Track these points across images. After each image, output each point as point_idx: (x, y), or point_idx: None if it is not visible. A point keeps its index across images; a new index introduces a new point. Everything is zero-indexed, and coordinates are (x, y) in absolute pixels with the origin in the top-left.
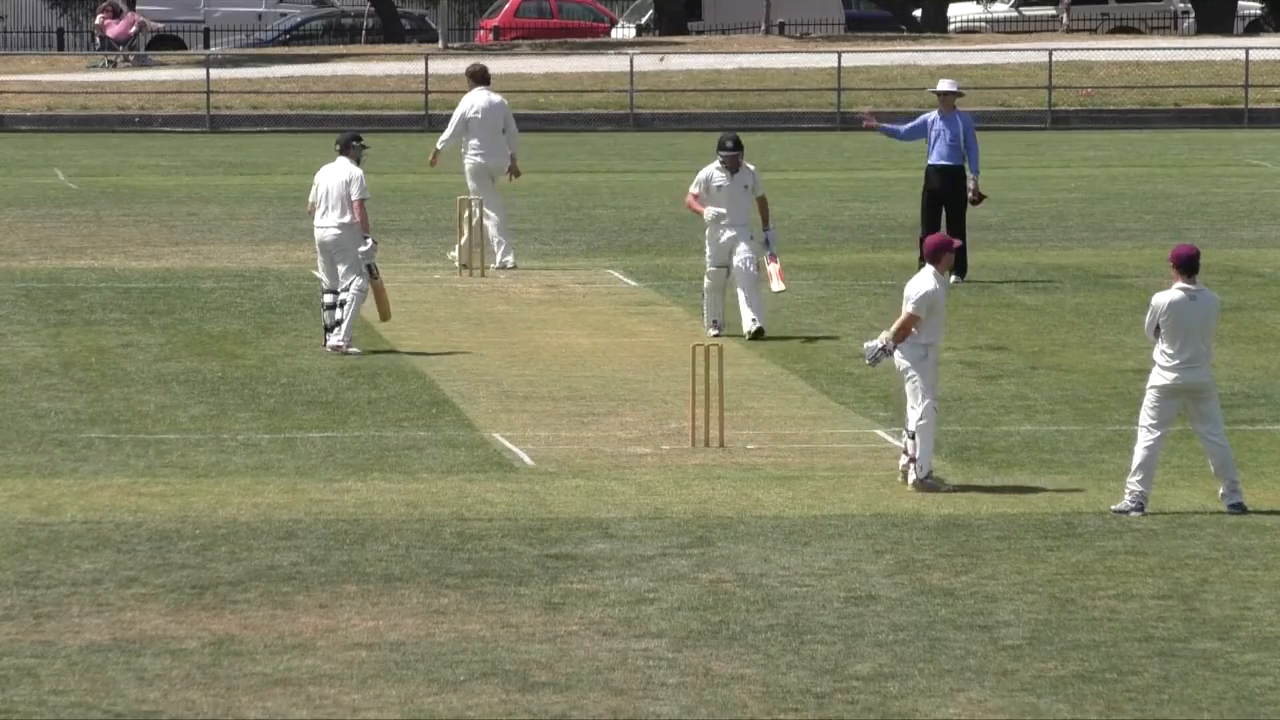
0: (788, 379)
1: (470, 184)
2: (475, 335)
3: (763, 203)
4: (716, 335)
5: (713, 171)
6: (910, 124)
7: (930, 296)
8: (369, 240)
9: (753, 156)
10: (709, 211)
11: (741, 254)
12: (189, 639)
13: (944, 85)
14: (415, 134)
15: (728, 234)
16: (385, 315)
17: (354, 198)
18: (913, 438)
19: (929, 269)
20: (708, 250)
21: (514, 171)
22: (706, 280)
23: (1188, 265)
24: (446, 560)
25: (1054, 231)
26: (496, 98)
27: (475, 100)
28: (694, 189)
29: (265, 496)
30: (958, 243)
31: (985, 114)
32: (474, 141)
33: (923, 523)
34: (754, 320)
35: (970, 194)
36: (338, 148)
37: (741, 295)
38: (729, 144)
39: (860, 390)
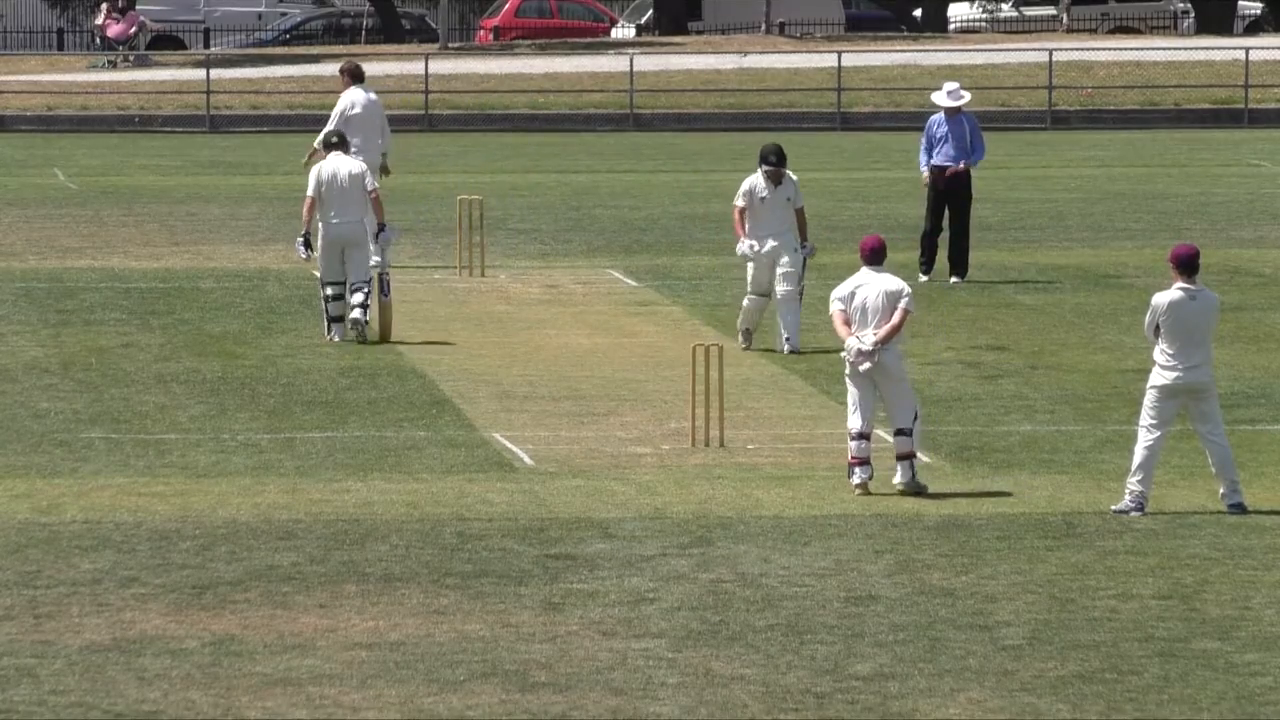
0: (788, 379)
1: None
2: (475, 335)
3: (800, 215)
4: (746, 348)
5: (757, 181)
6: (923, 148)
7: None
8: (388, 228)
9: (753, 156)
10: (741, 245)
11: (783, 267)
12: (189, 639)
13: (946, 101)
14: (415, 134)
15: (770, 244)
16: (386, 335)
17: (370, 189)
18: (907, 435)
19: (878, 270)
20: (749, 271)
21: (385, 170)
22: (747, 301)
23: (1188, 265)
24: (446, 560)
25: (1054, 231)
26: (374, 96)
27: (355, 98)
28: (739, 201)
29: (265, 496)
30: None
31: (985, 114)
32: (355, 140)
33: (923, 523)
34: (788, 340)
35: (960, 170)
36: (335, 141)
37: (780, 311)
38: (772, 158)
39: None
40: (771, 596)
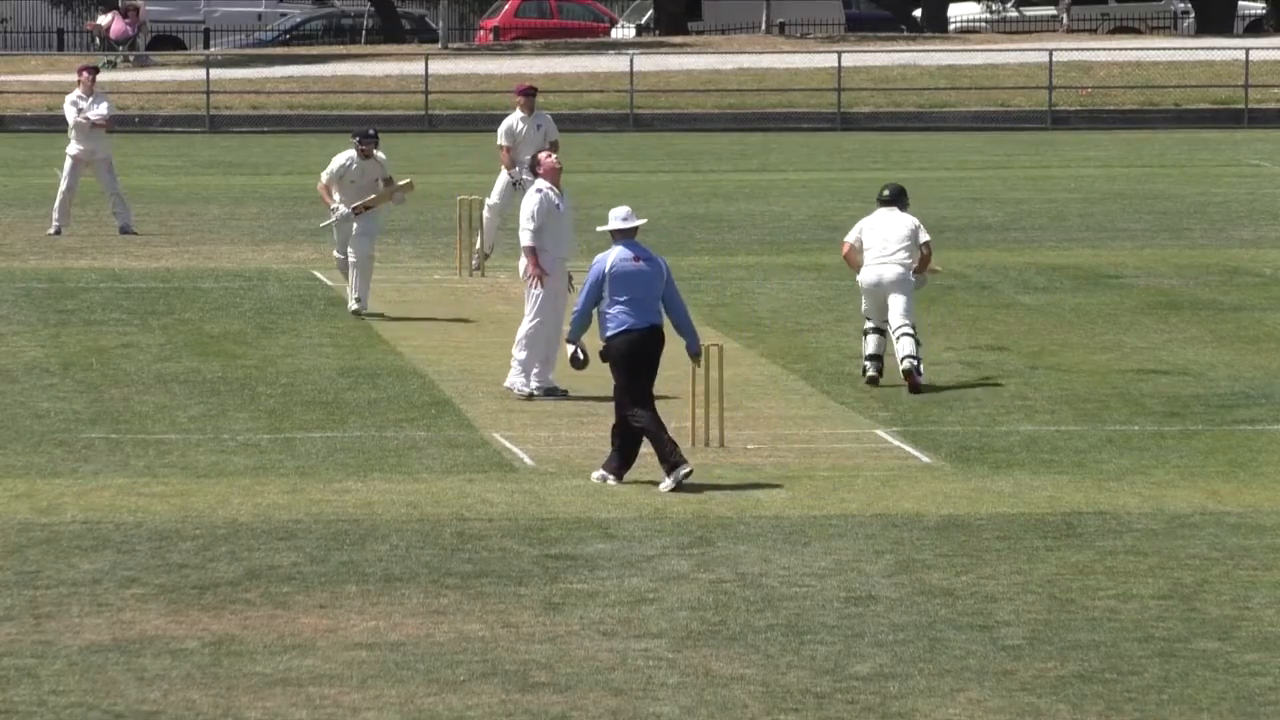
0: (788, 379)
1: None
2: (475, 335)
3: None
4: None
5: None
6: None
7: None
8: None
9: (753, 156)
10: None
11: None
12: (189, 639)
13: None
14: (415, 134)
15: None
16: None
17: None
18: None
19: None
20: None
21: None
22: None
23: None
24: (446, 560)
25: (1054, 231)
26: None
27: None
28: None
29: (265, 496)
30: None
31: (985, 114)
32: None
33: (923, 523)
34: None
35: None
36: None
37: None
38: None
39: (860, 390)
40: (771, 596)
